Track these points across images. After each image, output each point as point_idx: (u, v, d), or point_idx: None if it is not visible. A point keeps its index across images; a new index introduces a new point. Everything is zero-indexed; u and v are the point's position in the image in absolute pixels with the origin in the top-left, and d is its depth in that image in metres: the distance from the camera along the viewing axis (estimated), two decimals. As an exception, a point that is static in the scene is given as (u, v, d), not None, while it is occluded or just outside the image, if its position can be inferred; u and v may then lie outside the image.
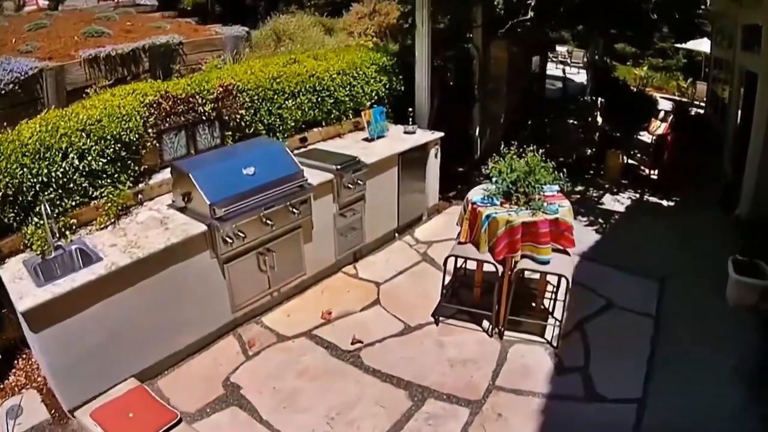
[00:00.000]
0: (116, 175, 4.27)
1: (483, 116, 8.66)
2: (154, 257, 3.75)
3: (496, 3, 8.92)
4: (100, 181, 4.18)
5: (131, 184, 4.40)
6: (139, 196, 4.50)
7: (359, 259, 5.61)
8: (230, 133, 5.02)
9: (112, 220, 4.21)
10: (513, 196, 4.12)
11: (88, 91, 5.28)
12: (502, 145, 4.43)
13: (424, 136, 6.15)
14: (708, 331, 4.42)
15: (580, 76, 12.24)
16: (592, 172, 8.14)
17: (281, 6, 11.34)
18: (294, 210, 4.51)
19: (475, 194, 4.36)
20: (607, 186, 7.72)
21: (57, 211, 3.92)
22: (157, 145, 4.60)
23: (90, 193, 4.14)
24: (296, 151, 5.48)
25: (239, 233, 4.19)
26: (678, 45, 15.34)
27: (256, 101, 5.11)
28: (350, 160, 5.13)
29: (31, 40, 6.90)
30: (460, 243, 4.31)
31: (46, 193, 3.84)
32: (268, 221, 4.35)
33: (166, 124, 4.62)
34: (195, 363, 4.16)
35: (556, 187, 4.41)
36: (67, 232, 3.97)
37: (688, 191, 7.57)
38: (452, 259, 4.50)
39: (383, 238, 5.90)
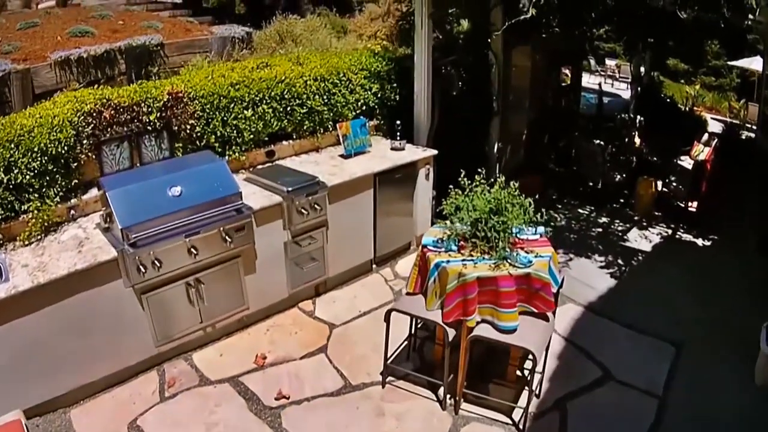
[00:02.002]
0: (43, 190, 3.85)
1: (503, 132, 7.79)
2: (57, 283, 3.35)
3: (521, 5, 8.04)
4: (26, 195, 3.78)
5: (59, 200, 3.97)
6: (72, 212, 4.07)
7: (322, 294, 4.92)
8: (180, 144, 4.49)
9: (38, 237, 3.82)
10: (470, 241, 3.30)
11: (58, 94, 4.93)
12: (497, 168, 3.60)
13: (413, 153, 5.39)
14: (727, 425, 3.45)
15: (628, 92, 11.08)
16: (622, 200, 7.09)
17: (305, 5, 10.84)
18: (227, 237, 3.90)
19: (431, 234, 3.57)
20: (636, 218, 6.68)
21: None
22: (94, 157, 4.14)
23: (16, 207, 3.77)
24: (259, 167, 4.95)
25: (156, 262, 3.64)
26: (731, 63, 13.79)
27: (208, 110, 4.54)
28: (306, 182, 4.46)
29: (17, 40, 6.64)
30: (408, 294, 3.53)
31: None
32: (193, 249, 3.77)
33: (107, 135, 4.16)
34: (111, 396, 3.74)
35: (541, 230, 3.56)
36: (-8, 247, 3.61)
37: (727, 229, 6.43)
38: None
39: (355, 270, 5.18)
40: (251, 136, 4.87)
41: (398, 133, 5.41)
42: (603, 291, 5.02)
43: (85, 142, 4.00)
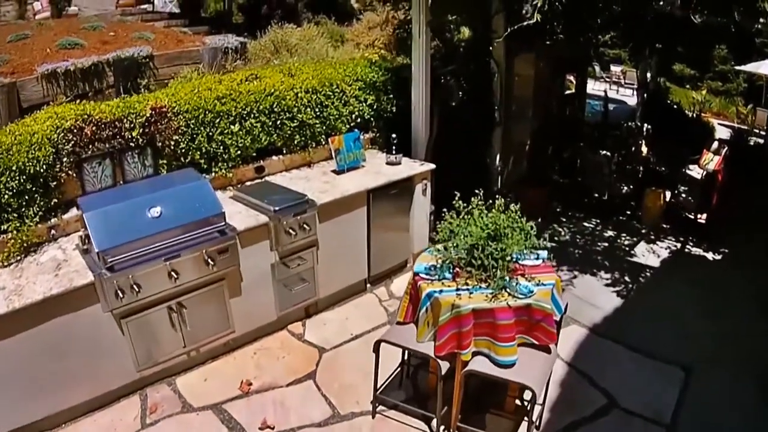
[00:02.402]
0: (22, 210, 3.71)
1: (505, 142, 7.57)
2: (32, 308, 3.22)
3: (525, 12, 7.84)
4: (5, 215, 3.64)
5: (39, 220, 3.82)
6: (52, 232, 3.92)
7: (313, 315, 4.72)
8: (165, 161, 4.32)
9: (18, 258, 3.68)
10: (464, 269, 3.08)
11: (44, 108, 4.80)
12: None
13: (410, 167, 5.20)
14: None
15: (634, 99, 10.80)
16: (629, 212, 6.84)
17: (303, 14, 10.69)
18: (209, 260, 3.72)
19: (423, 260, 3.36)
20: (643, 231, 6.43)
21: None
22: (75, 175, 3.99)
23: (-4, 227, 3.62)
24: (247, 184, 4.78)
25: (135, 286, 3.48)
26: (738, 68, 13.50)
27: (193, 125, 4.36)
28: (294, 200, 4.27)
29: (6, 53, 6.54)
30: (399, 323, 3.32)
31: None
32: (174, 273, 3.60)
33: (89, 152, 4.00)
34: (92, 420, 3.61)
35: (544, 254, 3.33)
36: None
37: (737, 239, 6.18)
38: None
39: (348, 290, 4.98)
40: (238, 151, 4.69)
41: (394, 147, 5.22)
42: (608, 311, 4.79)
43: (65, 159, 3.85)
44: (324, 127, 5.23)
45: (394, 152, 5.21)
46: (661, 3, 6.69)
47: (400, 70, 5.89)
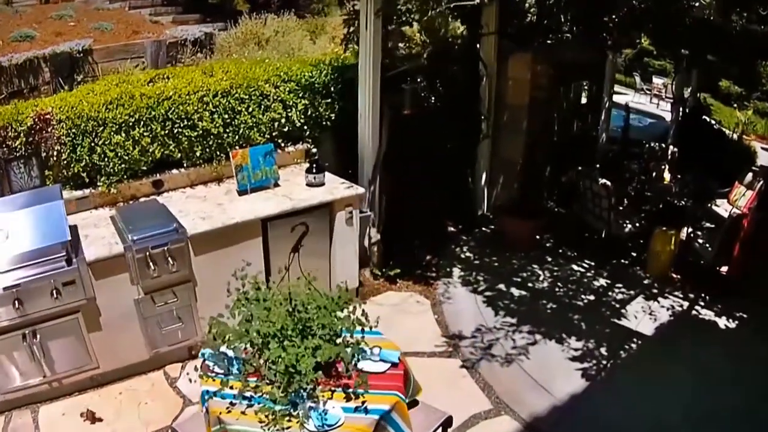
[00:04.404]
0: None
1: (494, 159, 6.42)
2: None
3: (527, 4, 6.61)
4: None
5: None
6: None
7: (197, 356, 3.87)
8: (51, 173, 3.89)
9: None
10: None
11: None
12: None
13: (331, 191, 4.23)
14: None
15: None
16: (634, 254, 5.55)
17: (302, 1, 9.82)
18: (55, 291, 3.25)
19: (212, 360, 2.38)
20: (646, 282, 5.14)
21: None
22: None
23: None
24: (133, 203, 4.13)
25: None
26: None
27: (74, 134, 3.80)
28: (159, 229, 3.55)
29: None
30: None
31: None
32: (18, 302, 3.19)
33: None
34: None
35: (395, 356, 2.30)
36: None
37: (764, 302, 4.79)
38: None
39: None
40: (122, 165, 3.99)
41: (314, 165, 4.26)
42: (561, 399, 3.63)
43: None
44: (237, 137, 4.34)
45: (314, 171, 4.24)
46: (696, 4, 5.39)
47: (346, 69, 4.89)
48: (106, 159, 3.92)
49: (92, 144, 3.88)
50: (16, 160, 3.76)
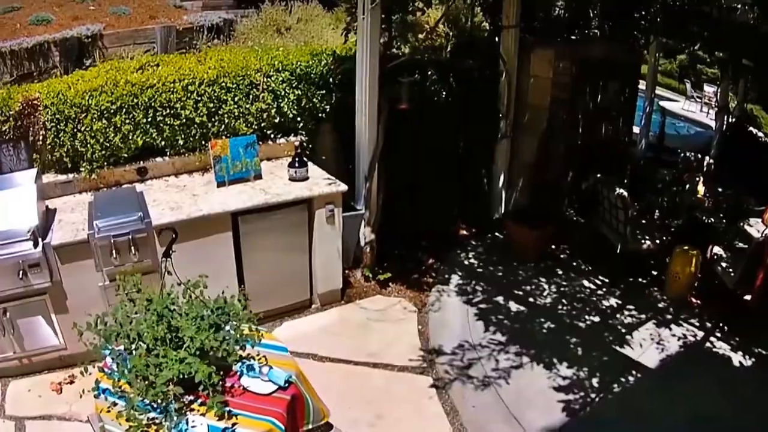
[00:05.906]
0: None
1: (514, 161, 6.05)
2: None
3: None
4: None
5: None
6: None
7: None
8: (38, 156, 4.00)
9: None
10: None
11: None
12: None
13: (311, 187, 4.03)
14: None
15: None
16: (654, 272, 5.08)
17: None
18: (21, 272, 3.34)
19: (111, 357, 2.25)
20: (661, 305, 4.69)
21: None
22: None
23: None
24: (113, 189, 4.11)
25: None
26: None
27: (59, 120, 3.84)
28: (122, 217, 3.46)
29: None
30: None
31: None
32: None
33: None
34: None
35: (282, 378, 2.15)
36: None
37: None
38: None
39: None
40: (103, 151, 3.97)
41: (296, 159, 4.06)
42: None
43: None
44: (221, 127, 4.21)
45: (296, 165, 4.05)
46: (738, 7, 4.86)
47: (346, 60, 4.66)
48: (87, 145, 3.93)
49: (74, 130, 3.90)
50: (5, 143, 3.88)
